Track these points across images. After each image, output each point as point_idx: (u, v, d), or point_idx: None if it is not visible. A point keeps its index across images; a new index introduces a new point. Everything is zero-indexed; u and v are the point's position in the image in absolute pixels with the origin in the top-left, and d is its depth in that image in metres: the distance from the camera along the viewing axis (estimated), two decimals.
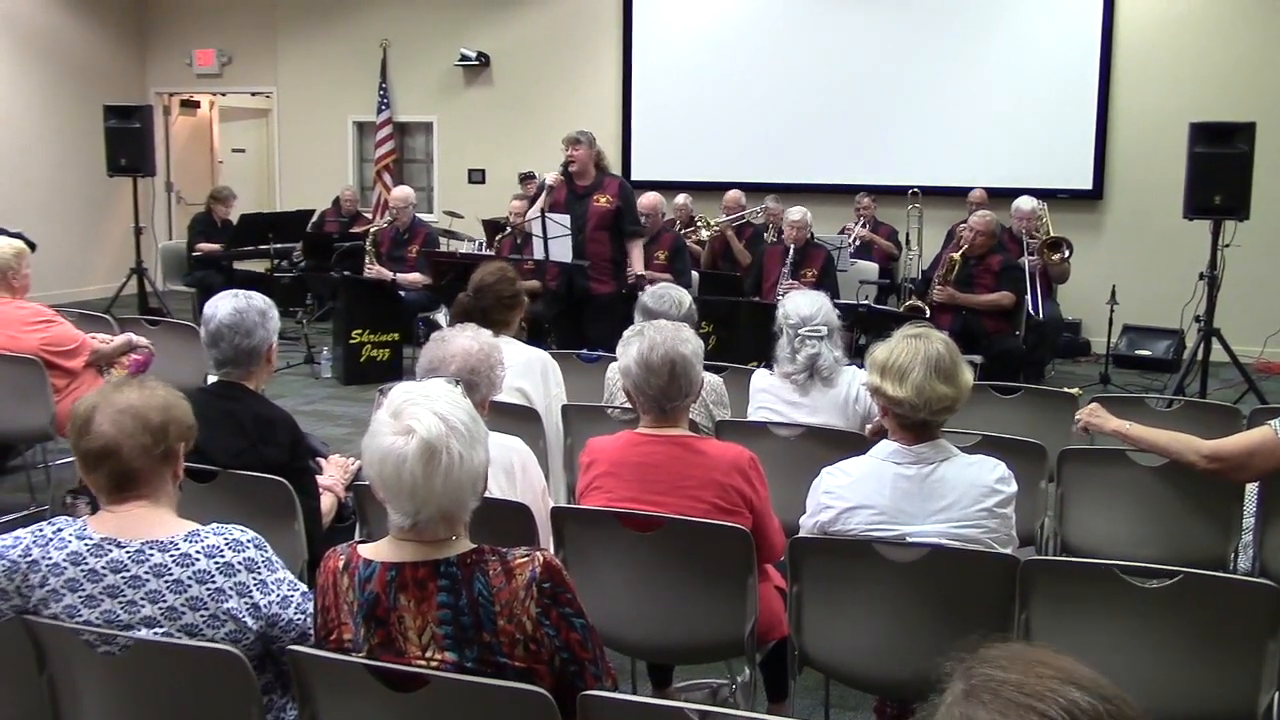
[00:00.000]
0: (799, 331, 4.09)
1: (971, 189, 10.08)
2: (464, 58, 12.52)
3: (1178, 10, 10.18)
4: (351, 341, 8.63)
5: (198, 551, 2.26)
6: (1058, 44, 10.46)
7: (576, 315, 7.32)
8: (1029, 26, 10.57)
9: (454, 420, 2.06)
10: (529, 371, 4.34)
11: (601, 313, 7.11)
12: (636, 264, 7.36)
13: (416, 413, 2.06)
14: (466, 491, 2.07)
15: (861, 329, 7.41)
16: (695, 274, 9.07)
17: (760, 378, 4.30)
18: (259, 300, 3.42)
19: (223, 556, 2.26)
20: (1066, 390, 5.04)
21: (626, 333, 3.17)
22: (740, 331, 7.53)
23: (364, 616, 2.10)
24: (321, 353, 9.05)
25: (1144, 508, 3.69)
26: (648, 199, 8.59)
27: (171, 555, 2.25)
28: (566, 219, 7.08)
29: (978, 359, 7.45)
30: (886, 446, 2.90)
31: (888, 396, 2.84)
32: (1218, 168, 7.57)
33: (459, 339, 3.14)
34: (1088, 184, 10.47)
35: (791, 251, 8.21)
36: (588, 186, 7.23)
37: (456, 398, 2.13)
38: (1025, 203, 8.68)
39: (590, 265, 7.19)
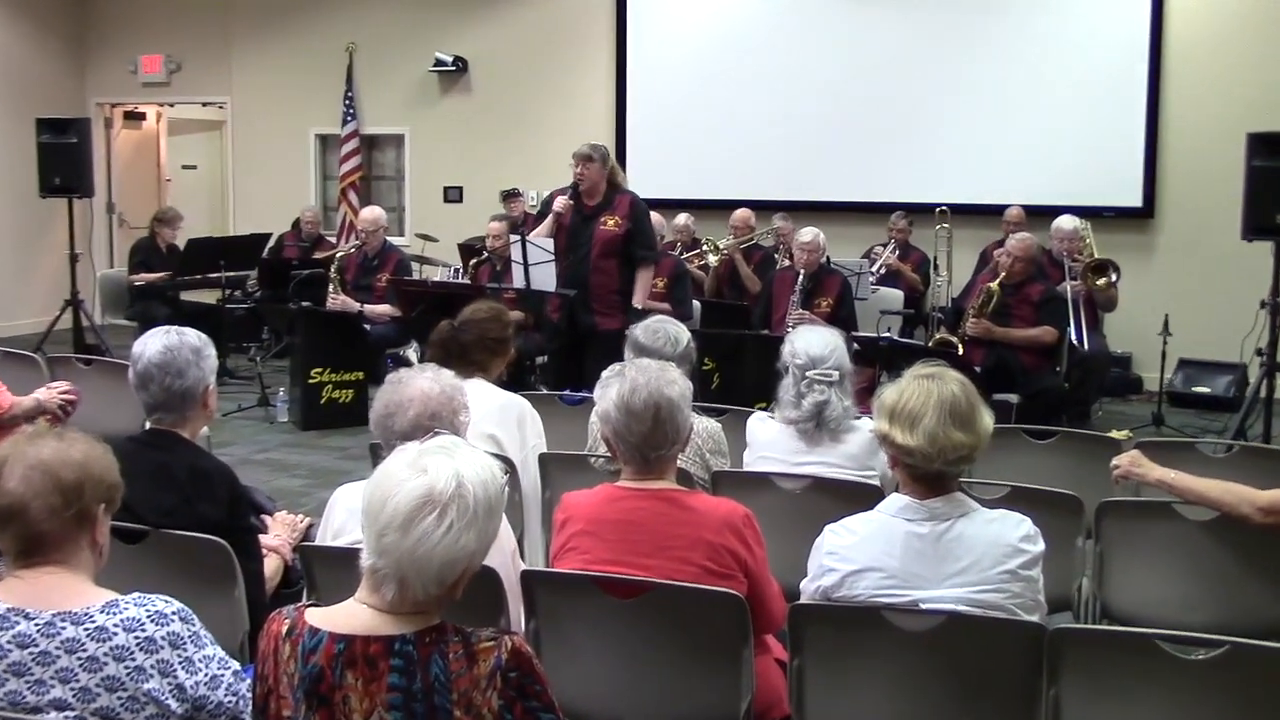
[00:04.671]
0: (806, 374, 4.08)
1: (1007, 207, 10.11)
2: (439, 63, 12.59)
3: (1233, 7, 10.22)
4: (311, 381, 8.61)
5: (115, 625, 2.25)
6: (1102, 45, 10.51)
7: (577, 353, 7.28)
8: (1070, 26, 10.62)
9: (469, 491, 2.09)
10: (503, 419, 4.34)
11: (605, 351, 7.00)
12: (639, 294, 7.27)
13: (440, 461, 2.11)
14: (433, 568, 2.07)
15: (883, 365, 7.39)
16: (697, 304, 9.09)
17: (760, 426, 4.29)
18: (192, 337, 3.42)
19: (144, 631, 2.25)
20: (1112, 434, 5.03)
21: (605, 373, 3.17)
22: (746, 369, 7.52)
23: (305, 692, 2.10)
24: (277, 394, 9.04)
25: (1194, 567, 3.68)
26: None
27: (86, 629, 2.24)
28: (550, 243, 7.07)
29: (1013, 398, 7.45)
30: (896, 501, 2.89)
31: (897, 445, 2.83)
32: (1279, 182, 7.58)
33: (417, 381, 3.15)
34: (1136, 200, 10.50)
35: (801, 277, 8.22)
36: (596, 207, 7.19)
37: (491, 477, 2.16)
38: (1066, 222, 8.70)
39: (594, 297, 7.17)
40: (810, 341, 4.19)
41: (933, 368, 2.93)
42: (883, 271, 9.96)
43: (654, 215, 8.75)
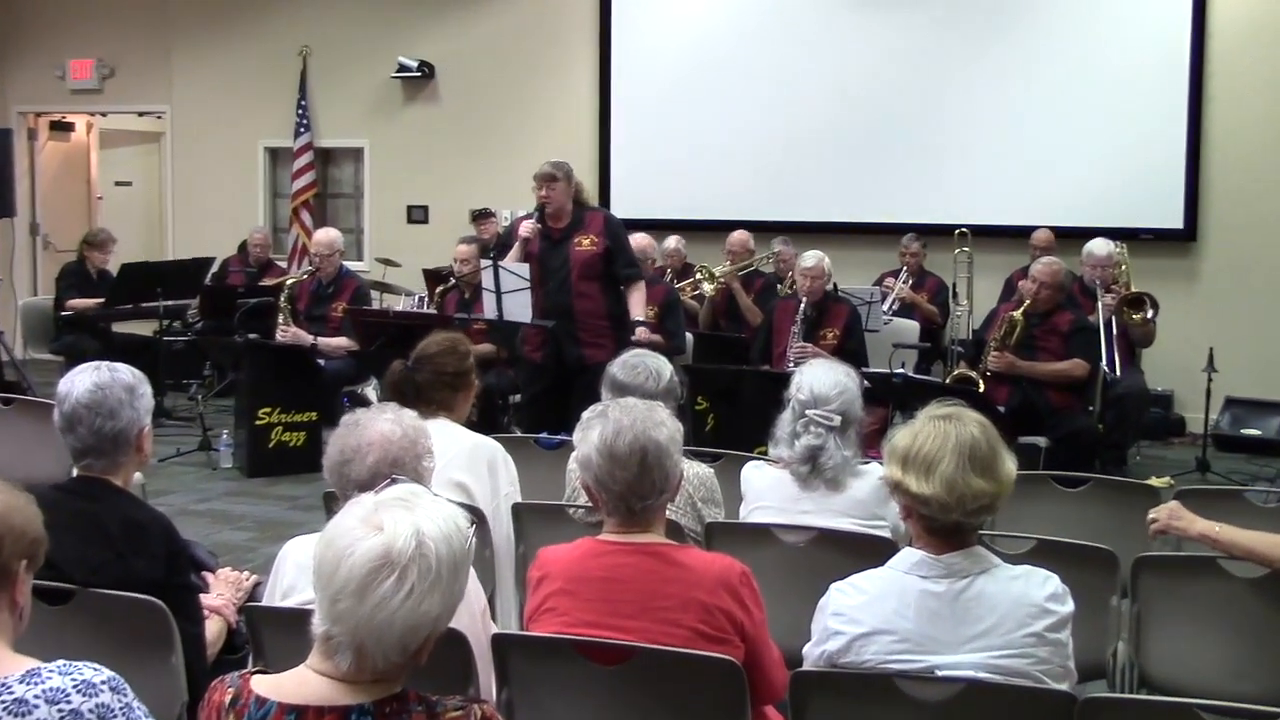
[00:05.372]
0: (806, 411, 4.10)
1: (1034, 229, 10.16)
2: (403, 69, 12.66)
3: None
4: (258, 423, 8.61)
5: (36, 696, 2.24)
6: (1139, 52, 10.57)
7: (560, 390, 7.29)
8: (1103, 31, 10.68)
9: (430, 550, 2.09)
10: (473, 463, 4.35)
11: (594, 388, 6.91)
12: (636, 310, 7.36)
13: (398, 516, 2.11)
14: (393, 635, 2.07)
15: (897, 404, 7.42)
16: (690, 335, 9.11)
17: (755, 474, 4.31)
18: (125, 373, 3.42)
19: (69, 703, 2.24)
20: (1150, 481, 5.06)
21: (586, 414, 3.18)
22: (744, 409, 7.54)
23: None
24: (221, 437, 9.04)
25: (1241, 630, 3.69)
26: (635, 241, 8.65)
27: (2, 702, 2.23)
28: (525, 268, 7.11)
29: (1041, 441, 7.48)
30: (909, 556, 2.90)
31: (912, 494, 2.84)
32: None
33: (376, 423, 3.15)
34: (1177, 222, 10.55)
35: (803, 306, 8.25)
36: (565, 229, 7.27)
37: (455, 531, 2.16)
38: (1100, 246, 8.74)
39: (580, 326, 7.21)
40: (819, 378, 4.20)
41: (949, 408, 2.95)
42: (896, 307, 9.99)
43: (643, 237, 8.83)
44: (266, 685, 2.15)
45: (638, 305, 7.40)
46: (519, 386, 8.17)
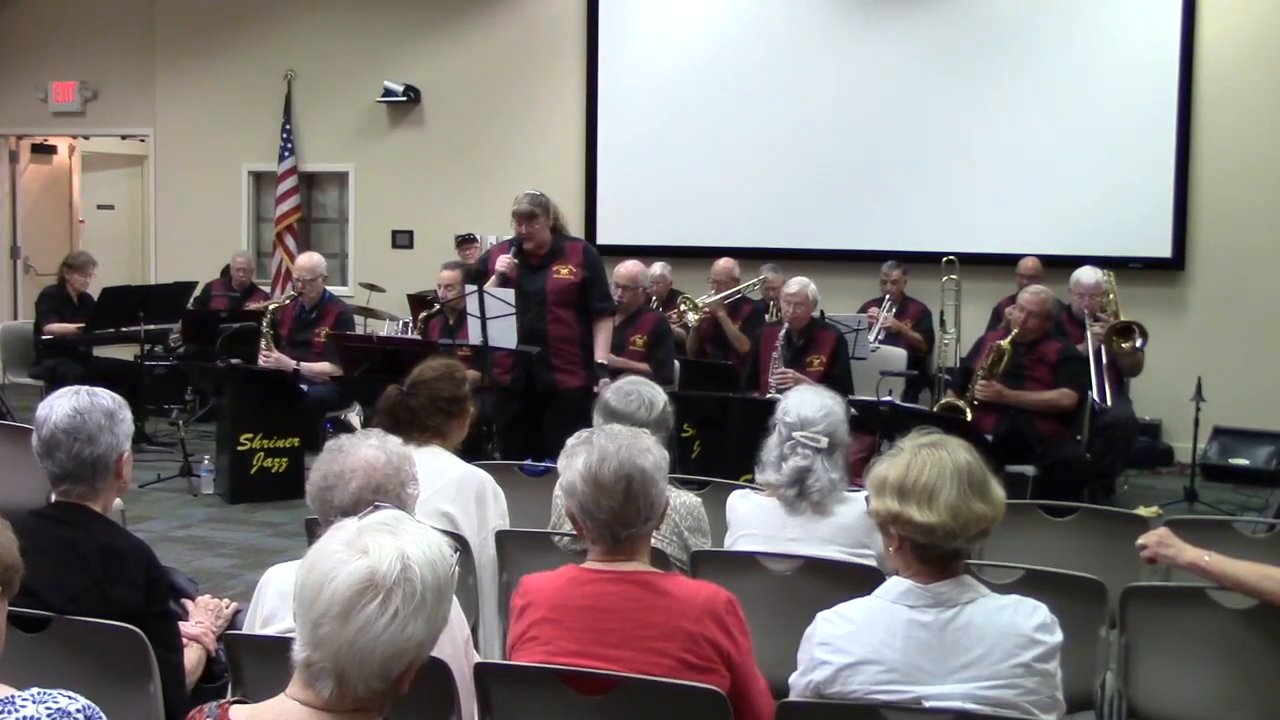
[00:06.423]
0: (793, 434, 4.10)
1: (1022, 257, 10.19)
2: (388, 93, 12.67)
3: (1273, 36, 10.32)
4: (240, 448, 8.61)
5: None
6: (1127, 77, 10.62)
7: (534, 417, 7.32)
8: (1091, 56, 10.74)
9: (415, 574, 2.08)
10: (460, 494, 4.33)
11: (566, 414, 6.95)
12: (601, 348, 7.41)
13: (382, 540, 2.10)
14: (376, 660, 2.06)
15: (884, 433, 7.42)
16: (676, 362, 9.11)
17: (742, 502, 4.32)
18: (105, 398, 3.41)
19: None
20: (1139, 511, 5.05)
21: (571, 440, 3.17)
22: (731, 437, 7.54)
23: None
24: (202, 463, 9.02)
25: (1231, 661, 3.69)
26: (626, 268, 8.64)
27: None
28: (510, 294, 7.11)
29: (1029, 470, 7.48)
30: (897, 585, 2.90)
31: (915, 524, 2.83)
32: None
33: (361, 449, 3.15)
34: (1166, 250, 10.59)
35: (784, 332, 8.27)
36: (544, 256, 7.31)
37: (440, 557, 2.15)
38: (1087, 275, 8.76)
39: (554, 351, 7.24)
40: (804, 401, 4.24)
41: (932, 436, 2.96)
42: (882, 337, 10.00)
43: (633, 263, 8.82)
44: (246, 715, 2.14)
45: (603, 342, 7.45)
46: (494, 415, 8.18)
